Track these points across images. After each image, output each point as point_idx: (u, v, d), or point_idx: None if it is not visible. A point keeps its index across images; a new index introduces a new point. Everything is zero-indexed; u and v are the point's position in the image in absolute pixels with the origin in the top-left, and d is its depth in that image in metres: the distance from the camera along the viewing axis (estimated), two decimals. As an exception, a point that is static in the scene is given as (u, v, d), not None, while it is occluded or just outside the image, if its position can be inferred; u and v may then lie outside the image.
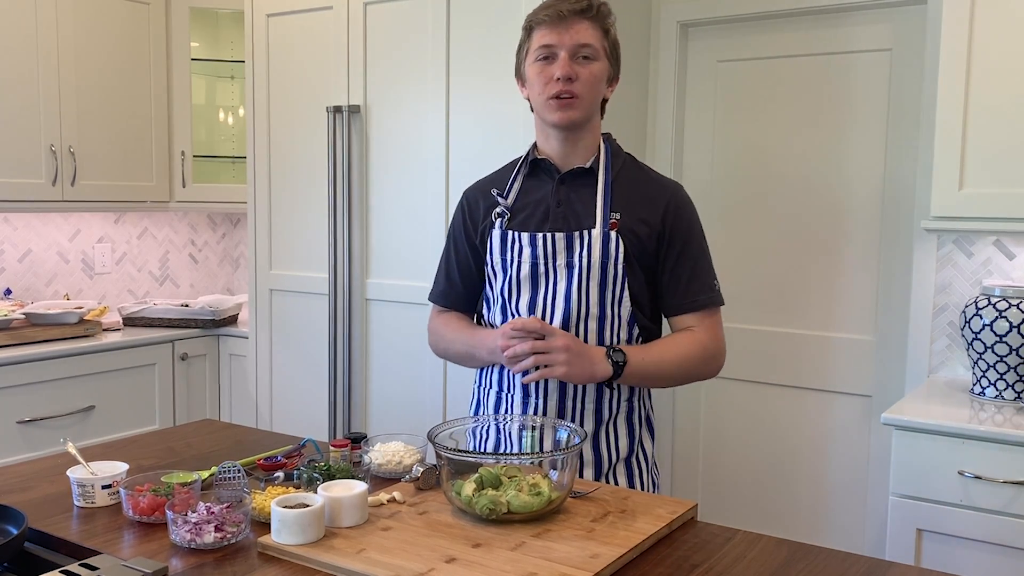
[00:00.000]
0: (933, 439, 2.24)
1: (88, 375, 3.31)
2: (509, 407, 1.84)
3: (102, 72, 3.57)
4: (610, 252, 1.73)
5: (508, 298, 1.82)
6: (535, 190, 1.82)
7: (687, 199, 1.84)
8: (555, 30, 1.71)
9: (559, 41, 1.71)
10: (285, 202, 3.40)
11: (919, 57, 2.81)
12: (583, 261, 1.74)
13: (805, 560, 1.37)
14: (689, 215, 1.82)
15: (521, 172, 1.86)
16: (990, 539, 2.18)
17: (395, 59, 3.05)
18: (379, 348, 3.17)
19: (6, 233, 3.60)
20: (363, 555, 1.31)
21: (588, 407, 1.79)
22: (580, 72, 1.71)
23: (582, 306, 1.75)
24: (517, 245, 1.79)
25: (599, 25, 1.74)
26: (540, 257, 1.77)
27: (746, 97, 3.16)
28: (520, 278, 1.79)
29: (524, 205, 1.82)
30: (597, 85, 1.75)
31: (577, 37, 1.70)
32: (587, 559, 1.29)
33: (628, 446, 1.83)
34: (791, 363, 3.12)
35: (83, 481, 1.55)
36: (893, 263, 2.92)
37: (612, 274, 1.74)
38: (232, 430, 2.11)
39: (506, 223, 1.82)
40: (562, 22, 1.70)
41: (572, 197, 1.78)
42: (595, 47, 1.72)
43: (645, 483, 1.87)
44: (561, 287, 1.76)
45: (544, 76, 1.73)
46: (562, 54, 1.70)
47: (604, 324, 1.76)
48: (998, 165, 2.37)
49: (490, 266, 1.85)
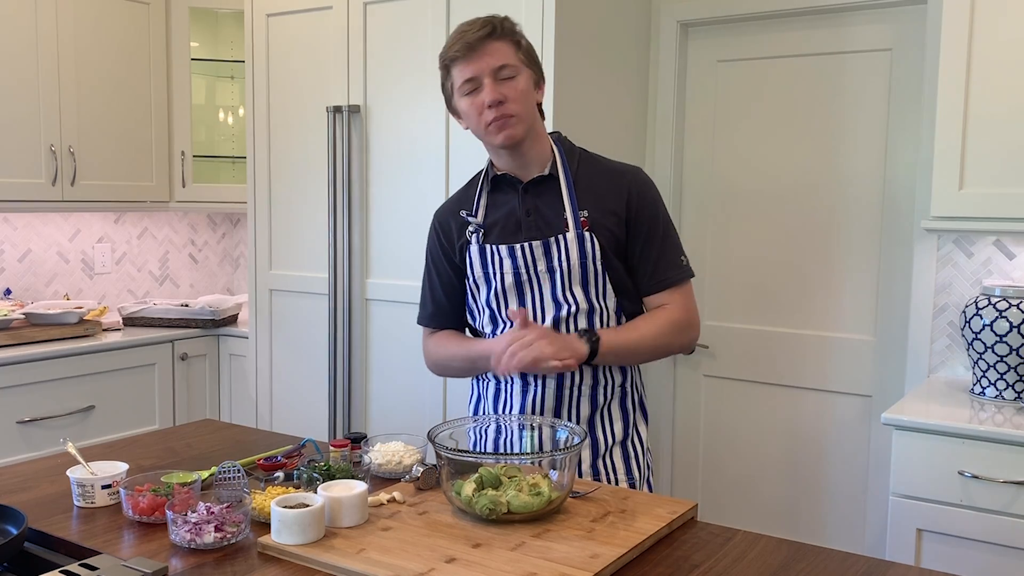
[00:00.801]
0: (933, 439, 2.24)
1: (88, 375, 3.31)
2: (508, 397, 1.89)
3: (102, 72, 3.57)
4: (587, 251, 1.80)
5: (497, 307, 1.89)
6: (502, 203, 1.89)
7: (647, 180, 1.90)
8: (471, 61, 1.76)
9: (478, 70, 1.76)
10: (285, 202, 3.40)
11: (919, 57, 2.81)
12: (563, 264, 1.81)
13: (805, 560, 1.37)
14: (651, 196, 1.88)
15: (484, 188, 1.92)
16: (990, 539, 2.18)
17: (395, 59, 3.05)
18: (379, 348, 3.17)
19: (6, 233, 3.60)
20: (363, 555, 1.31)
21: (584, 392, 1.86)
22: (507, 92, 1.76)
23: (570, 305, 1.82)
24: (497, 258, 1.86)
25: (509, 40, 1.79)
26: (521, 266, 1.84)
27: (746, 97, 3.16)
28: (505, 287, 1.86)
29: (495, 219, 1.88)
30: (527, 97, 1.80)
31: (492, 61, 1.76)
32: (587, 559, 1.29)
33: (623, 430, 1.90)
34: (791, 363, 3.12)
35: (83, 481, 1.55)
36: (893, 263, 2.92)
37: (592, 271, 1.81)
38: (232, 430, 2.12)
39: (482, 238, 1.88)
40: (474, 51, 1.75)
41: (539, 204, 1.85)
42: (512, 64, 1.77)
43: (641, 465, 1.92)
44: (547, 290, 1.84)
45: (476, 106, 1.78)
46: (486, 81, 1.76)
47: (593, 316, 1.83)
48: (998, 165, 2.37)
49: (471, 280, 1.91)
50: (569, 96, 2.74)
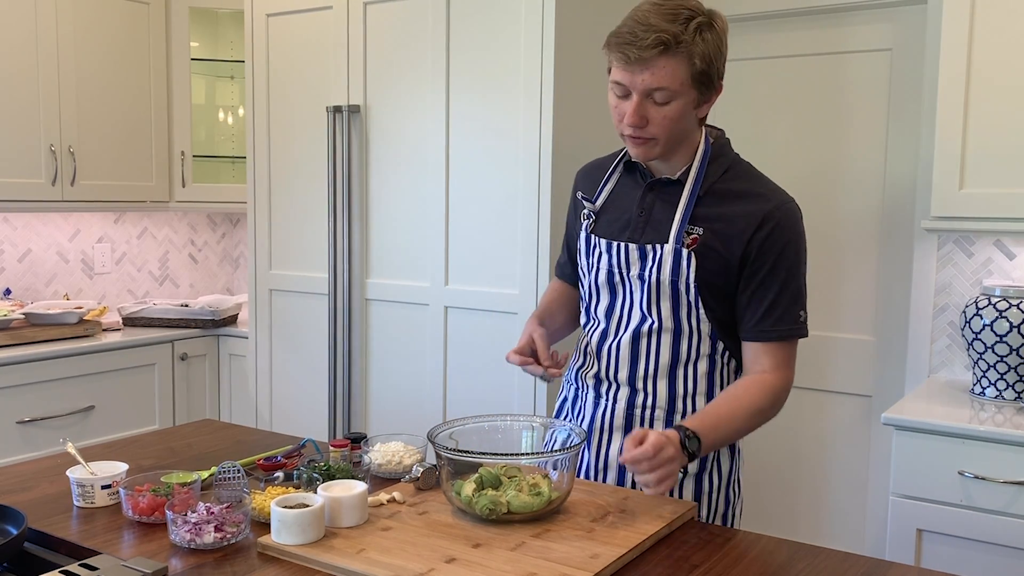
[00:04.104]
0: (933, 439, 2.24)
1: (88, 375, 3.31)
2: (583, 406, 1.80)
3: (102, 72, 3.57)
4: (681, 270, 1.63)
5: (590, 300, 1.79)
6: (626, 192, 1.75)
7: (791, 214, 1.66)
8: (627, 71, 1.56)
9: (631, 82, 1.57)
10: (285, 202, 3.40)
11: (919, 57, 2.81)
12: (653, 276, 1.66)
13: (805, 560, 1.37)
14: (787, 236, 1.64)
15: (617, 170, 1.78)
16: (990, 539, 2.18)
17: (395, 59, 3.04)
18: (379, 348, 3.17)
19: (6, 233, 3.60)
20: (363, 555, 1.31)
21: (658, 415, 1.70)
22: (653, 115, 1.58)
23: (654, 320, 1.68)
24: (597, 250, 1.74)
25: (683, 58, 1.54)
26: (615, 266, 1.71)
27: (746, 97, 3.16)
28: (599, 283, 1.75)
29: (612, 208, 1.75)
30: (676, 123, 1.60)
31: (650, 81, 1.55)
32: (587, 559, 1.29)
33: (699, 462, 1.69)
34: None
35: (83, 481, 1.55)
36: (893, 263, 2.92)
37: (684, 291, 1.65)
38: (232, 430, 2.11)
39: (591, 226, 1.77)
40: (633, 64, 1.54)
41: (656, 207, 1.69)
42: (670, 88, 1.55)
43: (714, 501, 1.72)
44: (636, 298, 1.70)
45: (618, 111, 1.62)
46: (634, 97, 1.57)
47: (680, 338, 1.68)
48: (998, 165, 2.37)
49: (580, 263, 1.82)
50: (569, 96, 2.73)
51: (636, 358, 1.70)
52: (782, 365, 1.65)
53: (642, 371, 1.70)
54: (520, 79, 2.75)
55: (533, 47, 2.72)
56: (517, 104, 2.77)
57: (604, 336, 1.74)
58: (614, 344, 1.72)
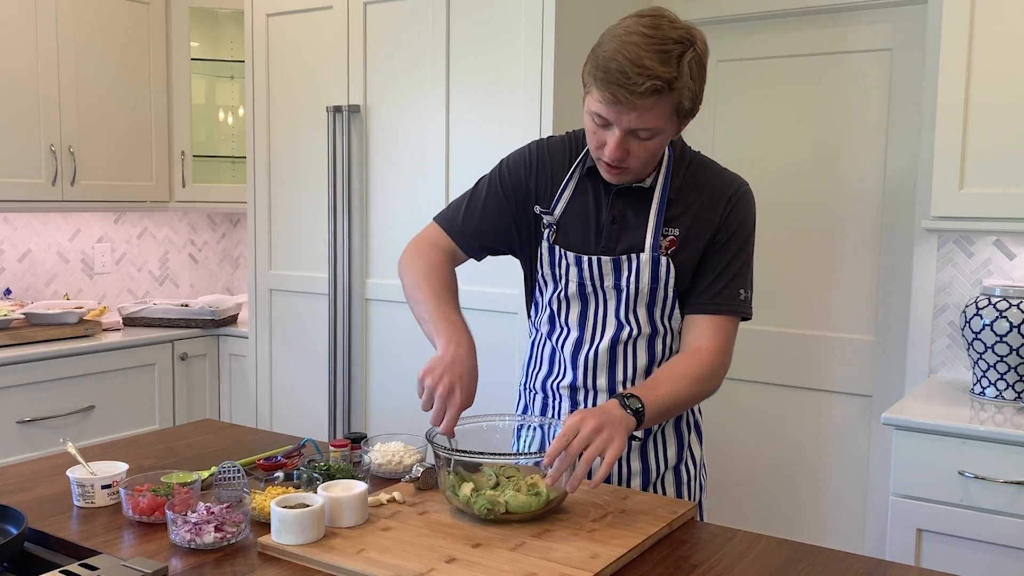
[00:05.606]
0: (933, 439, 2.24)
1: (88, 375, 3.31)
2: (556, 415, 1.77)
3: (102, 72, 3.57)
4: (660, 276, 1.64)
5: (557, 311, 1.74)
6: (587, 199, 1.68)
7: (746, 196, 1.69)
8: (612, 108, 1.49)
9: (615, 120, 1.50)
10: (285, 202, 3.40)
11: (919, 57, 2.81)
12: (631, 286, 1.65)
13: (805, 560, 1.37)
14: (742, 215, 1.67)
15: (576, 175, 1.70)
16: (990, 539, 2.18)
17: (395, 59, 3.04)
18: (379, 348, 3.17)
19: (6, 233, 3.60)
20: (363, 555, 1.31)
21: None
22: (634, 149, 1.54)
23: (632, 328, 1.68)
24: (564, 263, 1.69)
25: (671, 102, 1.49)
26: (587, 279, 1.68)
27: (746, 97, 3.16)
28: (569, 295, 1.72)
29: (574, 217, 1.69)
30: (656, 154, 1.58)
31: (635, 122, 1.49)
32: (587, 559, 1.29)
33: (676, 454, 1.76)
34: (791, 363, 3.12)
35: (83, 481, 1.55)
36: (893, 263, 2.92)
37: (662, 295, 1.65)
38: (232, 430, 2.11)
39: (553, 236, 1.70)
40: (621, 104, 1.47)
41: (628, 213, 1.66)
42: (656, 128, 1.51)
43: (692, 488, 1.79)
44: (611, 307, 1.68)
45: (596, 138, 1.56)
46: (616, 132, 1.51)
47: (655, 339, 1.69)
48: (998, 165, 2.37)
49: (541, 274, 1.77)
50: (569, 96, 2.73)
51: (614, 364, 1.70)
52: (720, 345, 1.64)
53: (620, 376, 1.70)
54: (520, 79, 2.76)
55: (533, 47, 2.72)
56: (517, 104, 2.77)
57: (579, 344, 1.72)
58: (591, 352, 1.70)
